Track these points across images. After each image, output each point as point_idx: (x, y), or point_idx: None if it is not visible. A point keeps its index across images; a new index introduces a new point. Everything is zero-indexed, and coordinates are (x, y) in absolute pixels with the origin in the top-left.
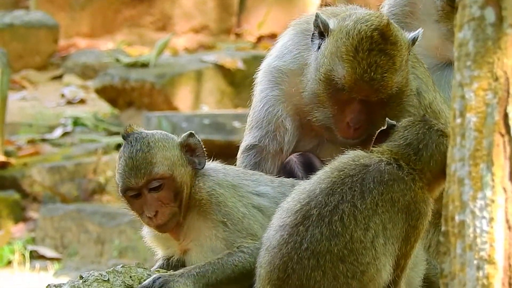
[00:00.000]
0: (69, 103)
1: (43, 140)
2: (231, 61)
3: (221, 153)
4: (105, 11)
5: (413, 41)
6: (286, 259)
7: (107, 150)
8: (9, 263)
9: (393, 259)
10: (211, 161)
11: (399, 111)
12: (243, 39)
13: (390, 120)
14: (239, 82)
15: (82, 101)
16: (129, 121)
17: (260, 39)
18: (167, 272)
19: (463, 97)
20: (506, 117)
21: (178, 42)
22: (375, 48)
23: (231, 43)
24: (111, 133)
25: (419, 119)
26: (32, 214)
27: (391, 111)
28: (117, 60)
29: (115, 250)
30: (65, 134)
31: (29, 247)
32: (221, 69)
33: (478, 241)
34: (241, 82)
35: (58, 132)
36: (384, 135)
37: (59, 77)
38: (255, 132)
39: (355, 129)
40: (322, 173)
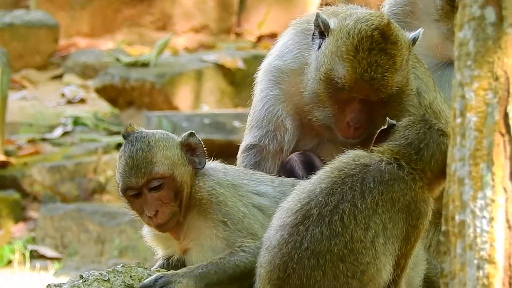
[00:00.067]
0: (69, 102)
1: (43, 139)
2: (231, 60)
3: (221, 153)
4: (105, 10)
5: (414, 41)
6: (286, 258)
7: (107, 149)
8: (9, 262)
9: (393, 259)
10: (211, 160)
11: (399, 111)
12: (243, 38)
13: (390, 119)
14: (239, 81)
15: (82, 101)
16: (129, 120)
17: (260, 38)
18: (168, 271)
19: (463, 97)
20: (506, 116)
21: (178, 41)
22: (375, 47)
23: (231, 42)
24: (111, 133)
25: (419, 118)
26: (32, 213)
27: (391, 110)
28: (117, 59)
29: (115, 249)
30: (65, 133)
31: (29, 247)
32: (221, 69)
33: (478, 240)
34: (241, 81)
35: (58, 131)
36: (384, 134)
37: (59, 77)
38: (255, 131)
39: (355, 128)
40: (322, 172)
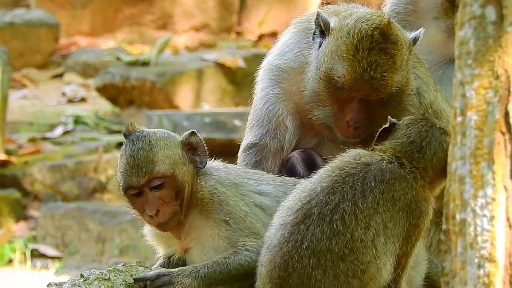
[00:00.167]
0: (70, 101)
1: (44, 138)
2: (231, 59)
3: (222, 152)
4: (106, 9)
5: (414, 41)
6: (287, 257)
7: (108, 148)
8: (10, 261)
9: (394, 258)
10: (212, 159)
11: (399, 111)
12: (243, 37)
13: (391, 118)
14: (240, 80)
15: (83, 100)
16: (130, 119)
17: (260, 37)
18: (173, 269)
19: (464, 96)
20: (507, 115)
21: (178, 40)
22: (375, 47)
23: (232, 41)
24: (112, 132)
25: (420, 117)
26: (33, 212)
27: (391, 110)
28: (118, 58)
29: (116, 248)
30: (66, 132)
31: (30, 246)
32: (222, 68)
33: (479, 239)
34: (242, 80)
35: (59, 130)
36: (386, 133)
37: (59, 76)
38: (256, 130)
39: (355, 128)
40: (323, 171)
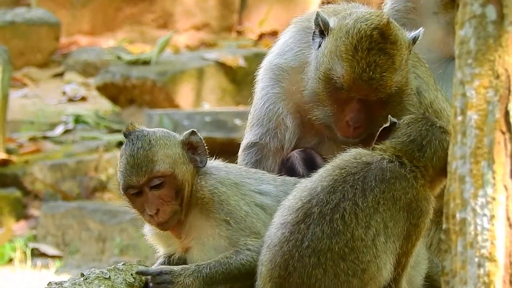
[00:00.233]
0: (70, 100)
1: (45, 137)
2: (232, 58)
3: (222, 151)
4: (106, 8)
5: (414, 40)
6: (287, 257)
7: (108, 147)
8: (10, 260)
9: (394, 257)
10: (212, 159)
11: (399, 111)
12: (244, 36)
13: (392, 118)
14: (240, 79)
15: (83, 99)
16: (130, 118)
17: (261, 36)
18: (176, 267)
19: (464, 95)
20: (507, 114)
21: (179, 39)
22: (374, 47)
23: (233, 40)
24: (112, 131)
25: (421, 116)
26: (33, 211)
27: (391, 110)
28: (119, 57)
29: (116, 248)
30: (67, 131)
31: (31, 245)
32: (223, 67)
33: (479, 238)
34: (243, 79)
35: (59, 129)
36: (386, 132)
37: (60, 75)
38: (256, 129)
39: (355, 128)
40: (323, 171)
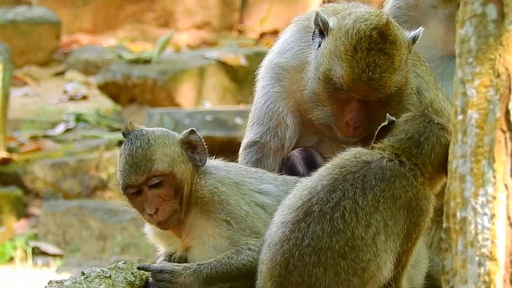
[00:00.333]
0: (71, 99)
1: (45, 136)
2: (233, 57)
3: (223, 150)
4: (107, 7)
5: (414, 40)
6: (287, 255)
7: (109, 146)
8: (11, 259)
9: (394, 256)
10: (213, 158)
11: (399, 110)
12: (245, 35)
13: (390, 116)
14: (241, 78)
15: (84, 97)
16: (131, 117)
17: (262, 35)
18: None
19: (464, 94)
20: (507, 113)
21: (180, 38)
22: (373, 47)
23: (234, 39)
24: (113, 130)
25: (419, 113)
26: (34, 210)
27: (391, 110)
28: (119, 56)
29: (117, 246)
30: (67, 130)
31: (31, 243)
32: (224, 66)
33: (479, 237)
34: (243, 78)
35: (60, 128)
36: (385, 131)
37: (61, 73)
38: (257, 128)
39: (355, 128)
40: (323, 169)
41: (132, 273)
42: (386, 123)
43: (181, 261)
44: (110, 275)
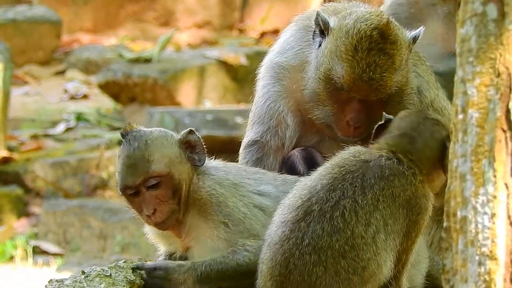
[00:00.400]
0: (72, 98)
1: (46, 135)
2: (234, 56)
3: (223, 149)
4: (108, 6)
5: (414, 40)
6: (287, 255)
7: (109, 145)
8: (12, 258)
9: (394, 255)
10: (213, 157)
11: (399, 110)
12: (246, 34)
13: (387, 115)
14: (242, 77)
15: (85, 97)
16: (132, 116)
17: (263, 34)
18: (173, 262)
19: (465, 93)
20: (508, 113)
21: (181, 37)
22: (374, 47)
23: (234, 38)
24: (114, 129)
25: (415, 110)
26: (34, 209)
27: (391, 110)
28: (120, 55)
29: (117, 245)
30: (68, 129)
31: (32, 242)
32: (224, 65)
33: (480, 237)
34: (244, 77)
35: (61, 127)
36: (382, 129)
37: (62, 72)
38: (257, 127)
39: (355, 128)
40: (323, 169)
41: (132, 272)
42: (383, 121)
43: (181, 260)
44: (110, 274)
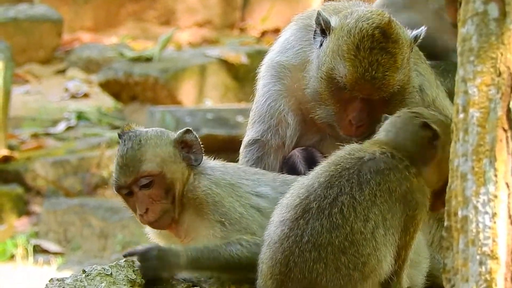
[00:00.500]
0: (72, 97)
1: (47, 134)
2: (234, 55)
3: (224, 148)
4: (109, 5)
5: (415, 39)
6: (287, 253)
7: (110, 144)
8: (12, 257)
9: (394, 250)
10: (214, 156)
11: (402, 108)
12: (246, 33)
13: (388, 115)
14: (242, 76)
15: (85, 95)
16: (132, 115)
17: (263, 33)
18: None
19: (466, 92)
20: (509, 112)
21: (181, 36)
22: (376, 46)
23: (235, 37)
24: (114, 128)
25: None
26: (35, 208)
27: (394, 108)
28: (121, 54)
29: (118, 244)
30: (69, 128)
31: (32, 241)
32: (225, 64)
33: (480, 236)
34: (245, 76)
35: (61, 126)
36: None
37: (62, 71)
38: (258, 126)
39: (358, 127)
40: (319, 168)
41: (133, 271)
42: (383, 122)
43: None
44: (111, 273)
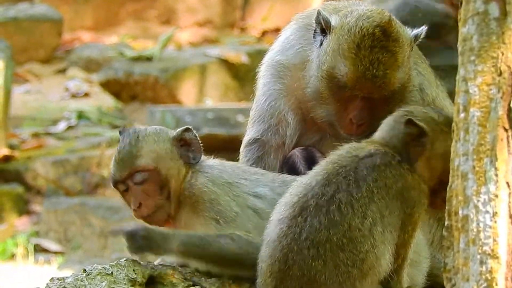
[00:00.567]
0: (73, 96)
1: (47, 133)
2: (235, 55)
3: (224, 147)
4: (109, 4)
5: (416, 38)
6: (286, 250)
7: (110, 143)
8: (13, 256)
9: (393, 248)
10: (214, 155)
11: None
12: (247, 33)
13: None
14: (243, 76)
15: (86, 95)
16: (133, 115)
17: (264, 33)
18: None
19: (467, 92)
20: (510, 111)
21: (182, 36)
22: (377, 45)
23: (235, 37)
24: (115, 127)
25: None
26: (35, 207)
27: (394, 107)
28: (121, 53)
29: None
30: (69, 127)
31: (33, 241)
32: (225, 63)
33: (481, 235)
34: (245, 76)
35: (62, 125)
36: None
37: (63, 71)
38: (258, 126)
39: (358, 125)
40: (317, 167)
41: (133, 271)
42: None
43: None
44: (111, 272)
